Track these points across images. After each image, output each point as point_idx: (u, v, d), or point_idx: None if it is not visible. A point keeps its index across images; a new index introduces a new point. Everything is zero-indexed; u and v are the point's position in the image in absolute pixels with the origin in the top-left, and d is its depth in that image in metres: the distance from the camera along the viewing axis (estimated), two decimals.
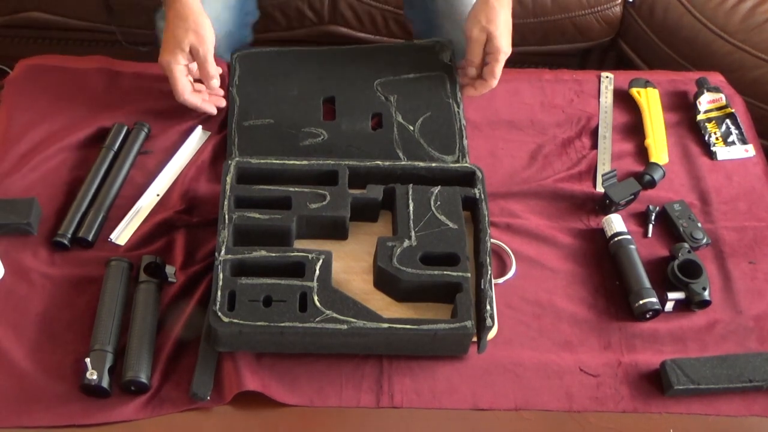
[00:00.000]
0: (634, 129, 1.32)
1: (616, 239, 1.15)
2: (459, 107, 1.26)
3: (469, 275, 1.05)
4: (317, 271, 1.03)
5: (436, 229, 1.09)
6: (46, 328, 1.04)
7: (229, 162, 1.12)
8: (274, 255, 1.05)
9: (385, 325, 1.00)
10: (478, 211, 1.11)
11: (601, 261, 1.16)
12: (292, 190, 1.11)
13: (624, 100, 1.36)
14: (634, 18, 1.80)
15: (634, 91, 1.35)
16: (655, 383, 1.05)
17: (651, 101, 1.34)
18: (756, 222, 1.22)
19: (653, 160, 1.27)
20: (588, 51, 1.90)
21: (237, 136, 1.21)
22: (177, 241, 1.13)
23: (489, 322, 1.01)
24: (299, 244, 1.10)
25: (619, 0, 1.78)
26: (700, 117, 1.33)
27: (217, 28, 1.24)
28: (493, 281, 1.09)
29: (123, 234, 1.14)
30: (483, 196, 1.12)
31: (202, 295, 1.07)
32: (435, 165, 1.15)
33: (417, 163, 1.15)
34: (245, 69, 1.30)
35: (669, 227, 1.20)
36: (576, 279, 1.14)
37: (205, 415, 1.00)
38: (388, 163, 1.15)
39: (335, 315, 0.99)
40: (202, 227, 1.15)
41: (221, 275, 1.02)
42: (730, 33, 1.67)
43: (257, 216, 1.08)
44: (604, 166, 1.26)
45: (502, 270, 1.14)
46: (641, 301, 1.09)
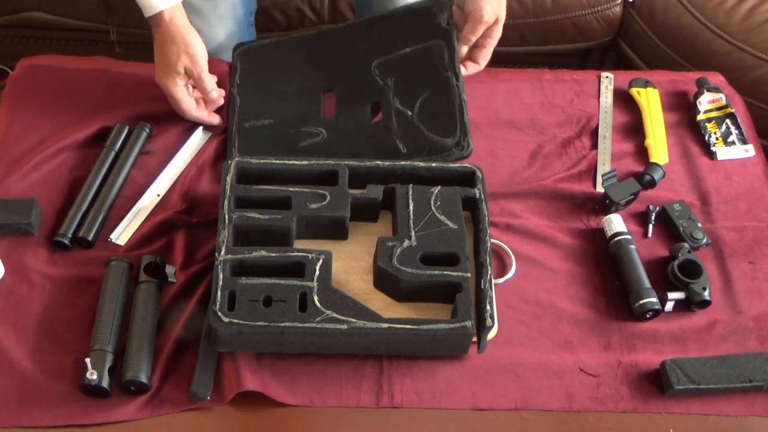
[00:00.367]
0: (634, 129, 1.32)
1: (616, 239, 1.15)
2: (458, 80, 1.22)
3: (469, 275, 1.05)
4: (317, 271, 1.03)
5: (436, 229, 1.09)
6: (46, 328, 1.04)
7: (229, 162, 1.12)
8: (274, 255, 1.05)
9: (385, 325, 1.00)
10: (478, 211, 1.11)
11: (601, 261, 1.16)
12: (292, 190, 1.11)
13: (624, 100, 1.36)
14: (634, 18, 1.80)
15: (634, 91, 1.35)
16: (655, 383, 1.05)
17: (651, 101, 1.34)
18: (756, 222, 1.22)
19: (653, 160, 1.27)
20: (588, 51, 1.90)
21: (237, 137, 1.22)
22: (177, 241, 1.13)
23: (489, 322, 1.01)
24: (299, 244, 1.10)
25: (619, 0, 1.78)
26: (700, 117, 1.33)
27: (227, 40, 1.28)
28: (493, 281, 1.09)
29: (123, 234, 1.14)
30: (483, 196, 1.12)
31: (202, 295, 1.07)
32: (435, 165, 1.15)
33: (417, 163, 1.15)
34: (246, 66, 1.30)
35: (669, 227, 1.20)
36: (576, 279, 1.14)
37: (205, 415, 1.00)
38: (388, 163, 1.15)
39: (335, 315, 0.99)
40: (202, 227, 1.15)
41: (221, 275, 1.02)
42: (730, 33, 1.67)
43: (257, 216, 1.08)
44: (604, 166, 1.26)
45: (502, 270, 1.14)
46: (641, 301, 1.09)
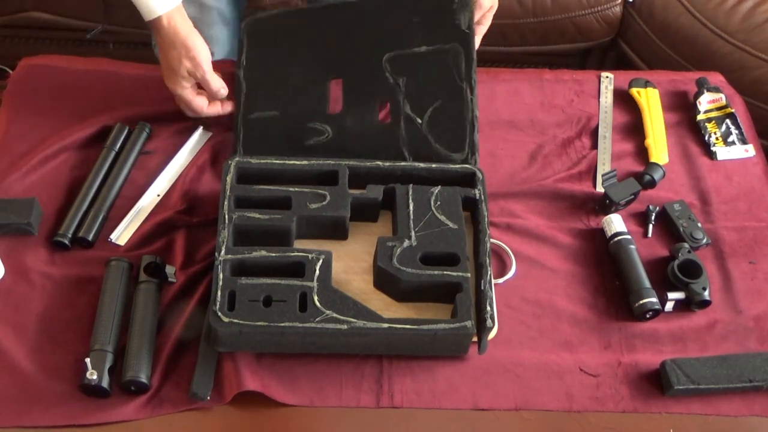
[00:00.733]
0: (634, 129, 1.32)
1: (616, 239, 1.15)
2: (473, 93, 1.19)
3: (469, 275, 1.05)
4: (317, 271, 1.03)
5: (436, 229, 1.09)
6: (46, 328, 1.04)
7: (229, 162, 1.12)
8: (274, 255, 1.05)
9: (385, 325, 1.00)
10: (478, 212, 1.11)
11: (601, 261, 1.16)
12: (292, 190, 1.11)
13: (624, 100, 1.36)
14: (634, 18, 1.80)
15: (634, 91, 1.35)
16: (655, 383, 1.05)
17: (651, 101, 1.34)
18: (756, 222, 1.22)
19: (653, 160, 1.27)
20: (588, 51, 1.90)
21: (242, 130, 1.19)
22: (177, 241, 1.13)
23: (489, 322, 1.01)
24: (299, 244, 1.10)
25: (619, 0, 1.78)
26: (700, 117, 1.33)
27: (220, 51, 1.27)
28: (493, 281, 1.09)
29: (123, 234, 1.14)
30: (483, 196, 1.12)
31: (202, 295, 1.07)
32: (435, 165, 1.15)
33: (417, 164, 1.15)
34: (253, 43, 1.21)
35: (669, 227, 1.20)
36: (576, 279, 1.14)
37: (205, 415, 1.00)
38: (388, 164, 1.15)
39: (335, 315, 0.99)
40: (202, 227, 1.15)
41: (221, 275, 1.02)
42: (730, 33, 1.67)
43: (257, 216, 1.08)
44: (604, 166, 1.26)
45: (502, 270, 1.14)
46: (641, 301, 1.09)
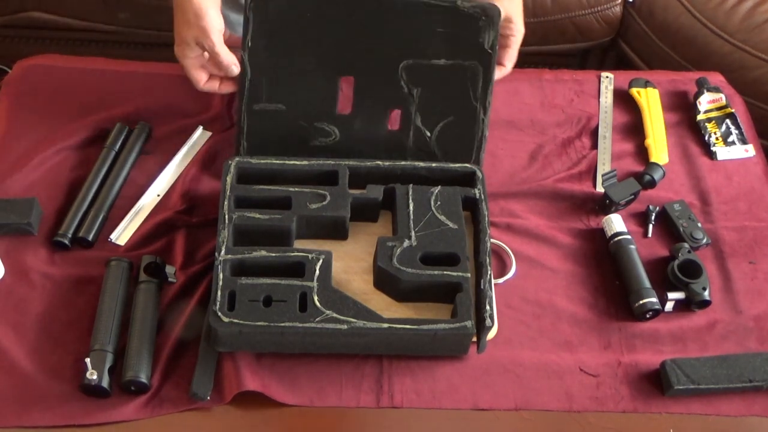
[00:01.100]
0: (634, 129, 1.32)
1: (616, 239, 1.15)
2: (486, 113, 1.17)
3: (469, 275, 1.05)
4: (317, 271, 1.03)
5: (436, 229, 1.09)
6: (46, 328, 1.04)
7: (229, 162, 1.12)
8: (274, 255, 1.05)
9: (385, 325, 1.00)
10: (478, 211, 1.11)
11: (601, 261, 1.16)
12: (292, 190, 1.10)
13: (624, 100, 1.36)
14: (634, 18, 1.80)
15: (634, 91, 1.35)
16: (655, 383, 1.05)
17: (651, 101, 1.34)
18: (756, 222, 1.22)
19: (653, 160, 1.27)
20: (588, 51, 1.91)
21: (246, 123, 1.16)
22: (177, 241, 1.13)
23: (489, 322, 1.01)
24: (299, 244, 1.10)
25: (619, 0, 1.78)
26: (700, 117, 1.33)
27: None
28: (493, 281, 1.09)
29: (123, 234, 1.14)
30: (483, 196, 1.12)
31: (202, 295, 1.07)
32: (435, 165, 1.15)
33: (417, 163, 1.15)
34: (259, 22, 1.12)
35: (669, 227, 1.20)
36: (576, 279, 1.14)
37: (205, 415, 1.00)
38: (388, 163, 1.15)
39: (335, 315, 0.99)
40: (202, 227, 1.14)
41: (221, 275, 1.02)
42: (730, 33, 1.67)
43: (257, 216, 1.08)
44: (604, 166, 1.26)
45: (502, 270, 1.14)
46: (641, 301, 1.09)
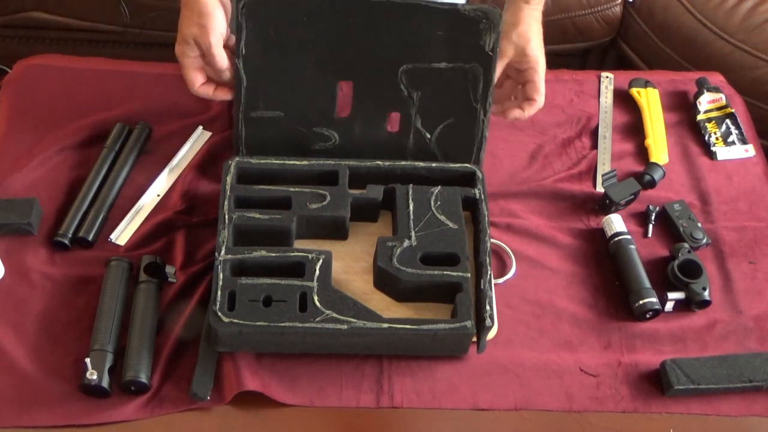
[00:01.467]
0: (634, 129, 1.32)
1: (616, 239, 1.15)
2: (486, 114, 1.16)
3: (469, 275, 1.05)
4: (317, 271, 1.03)
5: (436, 229, 1.08)
6: (46, 328, 1.04)
7: (230, 162, 1.12)
8: (274, 255, 1.05)
9: (385, 325, 1.00)
10: (478, 211, 1.11)
11: (601, 261, 1.16)
12: (292, 190, 1.10)
13: (624, 100, 1.36)
14: (634, 18, 1.80)
15: (634, 91, 1.35)
16: (655, 383, 1.05)
17: (651, 101, 1.34)
18: (756, 222, 1.22)
19: (653, 160, 1.27)
20: (588, 51, 1.91)
21: (244, 130, 1.16)
22: (177, 241, 1.13)
23: (488, 322, 1.01)
24: (299, 244, 1.10)
25: (619, 0, 1.78)
26: (700, 117, 1.33)
27: None
28: (493, 281, 1.09)
29: (123, 234, 1.14)
30: (483, 196, 1.12)
31: (202, 295, 1.07)
32: (435, 165, 1.15)
33: (417, 163, 1.15)
34: (253, 27, 1.09)
35: (669, 227, 1.20)
36: (576, 279, 1.14)
37: (205, 415, 1.00)
38: (388, 163, 1.15)
39: (335, 315, 0.99)
40: (202, 227, 1.14)
41: (221, 275, 1.02)
42: (730, 33, 1.68)
43: (257, 216, 1.07)
44: (604, 166, 1.26)
45: (502, 270, 1.14)
46: (641, 301, 1.09)
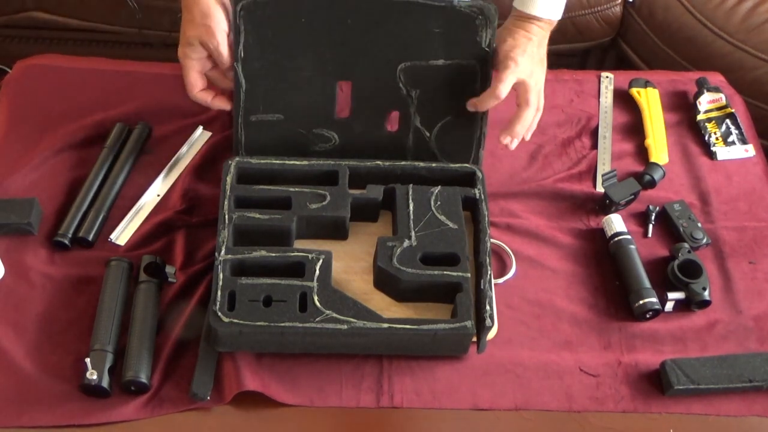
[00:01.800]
0: (634, 129, 1.32)
1: (616, 239, 1.15)
2: (484, 112, 1.16)
3: (469, 275, 1.05)
4: (317, 271, 1.03)
5: (436, 229, 1.08)
6: (46, 328, 1.04)
7: (230, 162, 1.12)
8: (274, 255, 1.05)
9: (385, 325, 1.00)
10: (478, 211, 1.11)
11: (601, 261, 1.16)
12: (292, 190, 1.10)
13: (624, 100, 1.36)
14: (634, 18, 1.80)
15: (634, 91, 1.35)
16: (655, 383, 1.05)
17: (651, 101, 1.34)
18: (756, 222, 1.22)
19: (653, 160, 1.27)
20: (588, 51, 1.90)
21: (243, 134, 1.16)
22: (177, 241, 1.13)
23: (488, 322, 1.01)
24: (299, 244, 1.10)
25: (619, 0, 1.78)
26: (700, 117, 1.33)
27: None
28: (493, 281, 1.09)
29: (123, 234, 1.14)
30: (483, 196, 1.12)
31: (202, 295, 1.07)
32: (435, 165, 1.15)
33: (417, 163, 1.15)
34: (251, 30, 1.10)
35: (669, 227, 1.20)
36: (576, 279, 1.14)
37: (205, 415, 1.00)
38: (388, 163, 1.15)
39: (335, 315, 0.99)
40: (202, 227, 1.14)
41: (221, 275, 1.02)
42: (730, 33, 1.67)
43: (257, 216, 1.08)
44: (604, 166, 1.26)
45: (502, 270, 1.14)
46: (641, 301, 1.09)
